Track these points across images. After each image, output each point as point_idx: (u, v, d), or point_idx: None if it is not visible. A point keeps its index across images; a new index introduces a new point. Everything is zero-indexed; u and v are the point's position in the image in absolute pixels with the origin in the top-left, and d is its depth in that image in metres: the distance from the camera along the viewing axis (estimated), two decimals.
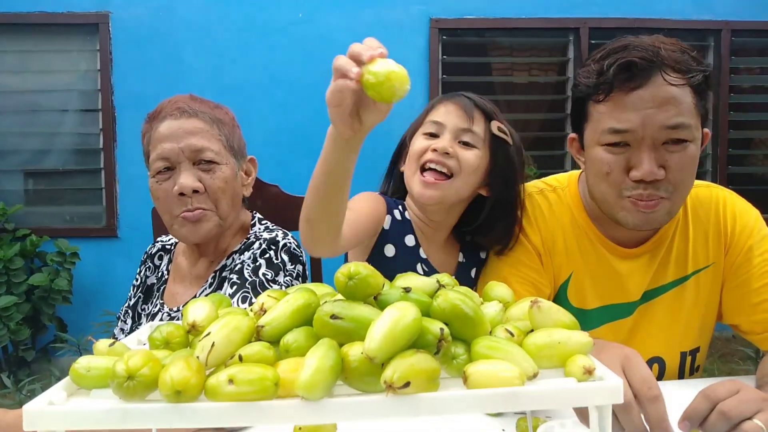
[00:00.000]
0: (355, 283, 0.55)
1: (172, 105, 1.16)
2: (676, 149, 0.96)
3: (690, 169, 0.98)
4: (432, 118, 1.15)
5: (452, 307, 0.54)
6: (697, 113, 0.97)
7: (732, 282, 1.10)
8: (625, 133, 0.96)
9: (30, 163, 3.83)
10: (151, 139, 1.16)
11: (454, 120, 1.13)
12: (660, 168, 0.95)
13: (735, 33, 4.00)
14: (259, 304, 0.60)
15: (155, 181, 1.15)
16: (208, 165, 1.14)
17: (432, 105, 1.19)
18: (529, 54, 4.03)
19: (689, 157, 0.97)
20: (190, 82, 3.62)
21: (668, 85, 0.93)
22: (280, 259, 1.15)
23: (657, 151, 0.95)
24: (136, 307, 1.29)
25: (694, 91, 0.95)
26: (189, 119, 1.14)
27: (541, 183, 1.20)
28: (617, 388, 0.49)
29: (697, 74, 0.95)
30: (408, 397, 0.48)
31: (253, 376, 0.48)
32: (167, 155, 1.12)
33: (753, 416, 0.70)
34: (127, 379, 0.48)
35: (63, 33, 3.77)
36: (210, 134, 1.15)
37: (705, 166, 4.09)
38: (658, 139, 0.95)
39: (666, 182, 0.97)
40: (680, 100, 0.94)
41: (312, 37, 3.78)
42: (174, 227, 1.15)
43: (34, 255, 3.57)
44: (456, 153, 1.11)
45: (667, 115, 0.93)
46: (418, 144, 1.15)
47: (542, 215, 1.15)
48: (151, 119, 1.18)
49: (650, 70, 0.93)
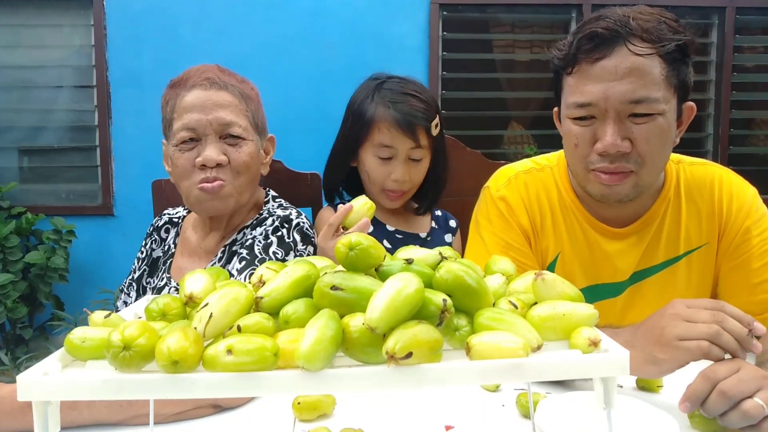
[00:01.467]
0: (356, 253, 0.54)
1: (200, 74, 1.13)
2: (642, 121, 0.94)
3: (659, 142, 0.95)
4: (381, 139, 1.29)
5: (455, 278, 0.52)
6: (668, 84, 0.93)
7: (730, 263, 1.08)
8: (588, 106, 0.95)
9: (24, 141, 3.78)
10: (176, 106, 1.13)
11: (404, 144, 1.28)
12: (625, 140, 0.94)
13: (739, 11, 3.94)
14: (258, 275, 0.59)
15: (178, 149, 1.12)
16: (235, 140, 1.12)
17: (373, 119, 1.29)
18: (530, 31, 3.96)
19: (657, 130, 0.94)
20: (186, 58, 3.54)
21: (633, 55, 0.91)
22: (292, 238, 1.14)
23: (622, 123, 0.94)
24: (141, 280, 1.28)
25: (666, 61, 0.92)
26: (219, 91, 1.12)
27: (530, 162, 1.19)
28: (623, 360, 0.49)
29: (669, 43, 0.91)
30: (410, 368, 0.47)
31: (252, 346, 0.47)
32: (194, 126, 1.10)
33: (753, 395, 0.69)
34: (123, 349, 0.47)
35: (56, 7, 3.69)
36: (238, 109, 1.13)
37: (706, 146, 4.06)
38: (621, 111, 0.93)
39: (634, 155, 0.95)
40: (646, 71, 0.91)
41: (311, 13, 3.71)
42: (191, 200, 1.13)
43: (30, 233, 3.55)
44: (410, 177, 1.32)
45: (630, 87, 0.91)
46: (375, 171, 1.31)
47: (528, 196, 1.14)
48: (176, 86, 1.15)
49: (614, 40, 0.91)
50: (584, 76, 0.95)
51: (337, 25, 3.72)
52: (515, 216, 1.13)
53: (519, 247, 1.12)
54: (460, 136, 1.69)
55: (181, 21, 3.68)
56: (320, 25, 3.72)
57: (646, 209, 1.09)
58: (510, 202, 1.14)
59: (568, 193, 1.13)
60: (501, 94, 4.01)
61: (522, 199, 1.14)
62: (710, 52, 4.02)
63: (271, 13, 3.71)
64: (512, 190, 1.15)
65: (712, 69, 4.02)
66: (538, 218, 1.13)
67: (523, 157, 4.24)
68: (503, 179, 1.17)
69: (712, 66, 4.01)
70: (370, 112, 1.29)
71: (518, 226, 1.13)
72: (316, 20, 3.72)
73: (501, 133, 4.04)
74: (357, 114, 1.32)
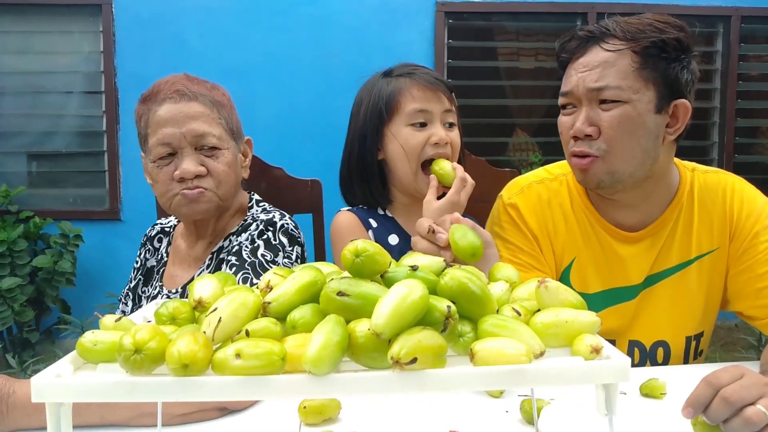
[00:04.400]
0: (362, 260, 0.55)
1: (169, 87, 1.13)
2: (607, 108, 1.01)
3: (623, 129, 1.01)
4: (414, 106, 1.18)
5: (459, 285, 0.53)
6: (639, 77, 1.00)
7: (737, 267, 1.09)
8: (567, 94, 1.06)
9: (33, 145, 3.82)
10: (149, 122, 1.14)
11: (437, 105, 1.19)
12: (592, 126, 1.02)
13: (744, 20, 3.94)
14: (266, 281, 0.60)
15: (156, 165, 1.13)
16: (211, 151, 1.13)
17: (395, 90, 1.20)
18: (535, 39, 3.98)
19: (621, 117, 1.01)
20: (192, 65, 3.59)
21: (604, 51, 1.02)
22: (279, 241, 1.15)
23: (592, 110, 1.03)
24: (137, 290, 1.29)
25: (639, 56, 1.00)
26: (189, 103, 1.12)
27: (543, 172, 1.22)
28: (624, 367, 0.49)
29: (643, 40, 0.99)
30: (414, 373, 0.48)
31: (260, 350, 0.48)
32: (168, 140, 1.10)
33: (756, 401, 0.70)
34: (134, 352, 0.48)
35: (66, 14, 3.74)
36: (211, 118, 1.13)
37: (711, 154, 4.06)
38: (591, 99, 1.02)
39: (600, 141, 1.02)
40: (612, 63, 1.01)
41: (316, 20, 3.74)
42: (172, 206, 1.14)
43: (38, 237, 3.58)
44: (450, 138, 1.19)
45: (594, 76, 1.01)
46: (412, 138, 1.17)
47: (540, 204, 1.16)
48: (146, 100, 1.15)
49: (589, 40, 1.04)
50: (568, 72, 1.07)
51: (343, 32, 3.75)
52: (526, 222, 1.15)
53: (529, 251, 1.14)
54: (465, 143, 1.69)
55: (189, 28, 3.72)
56: (325, 33, 3.75)
57: (660, 213, 1.11)
58: (520, 209, 1.16)
59: (582, 199, 1.15)
60: (506, 102, 4.02)
61: (533, 207, 1.16)
62: (715, 61, 4.02)
63: (276, 20, 3.74)
64: (524, 198, 1.17)
65: (717, 77, 4.02)
66: (551, 225, 1.15)
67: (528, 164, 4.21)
68: (516, 188, 1.20)
69: (717, 74, 4.02)
70: (392, 87, 1.20)
71: (529, 232, 1.15)
72: (322, 28, 3.74)
73: (506, 141, 4.06)
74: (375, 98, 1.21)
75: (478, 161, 1.57)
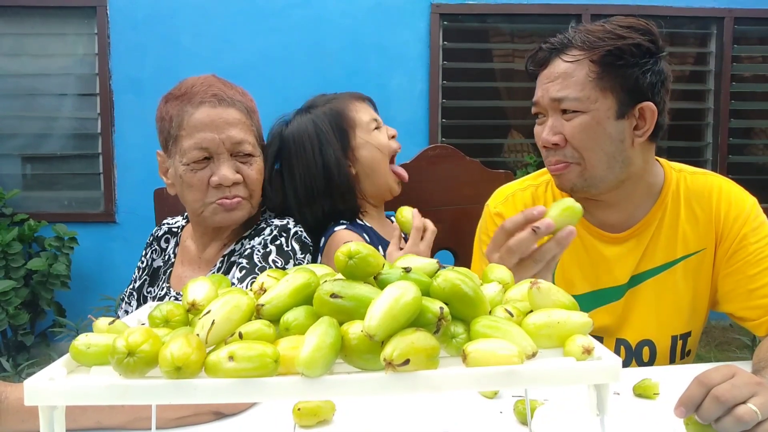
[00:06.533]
0: (355, 262, 0.55)
1: (206, 90, 1.12)
2: (568, 118, 1.05)
3: (588, 136, 1.04)
4: (366, 117, 1.36)
5: (452, 286, 0.54)
6: (595, 86, 1.03)
7: (726, 269, 1.10)
8: (535, 104, 1.10)
9: (28, 148, 3.81)
10: (183, 123, 1.11)
11: (373, 111, 1.39)
12: (557, 134, 1.05)
13: (738, 21, 3.97)
14: (259, 283, 0.60)
15: (189, 169, 1.12)
16: (246, 158, 1.14)
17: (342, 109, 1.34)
18: (530, 40, 3.99)
19: (582, 126, 1.04)
20: (188, 66, 3.59)
21: (563, 62, 1.05)
22: (291, 247, 1.15)
23: (557, 120, 1.06)
24: (142, 290, 1.29)
25: (597, 65, 1.02)
26: (228, 109, 1.12)
27: (529, 179, 1.25)
28: (615, 367, 0.50)
29: (600, 50, 1.02)
30: (407, 374, 0.48)
31: (253, 352, 0.48)
32: (207, 145, 1.10)
33: (747, 400, 0.70)
34: (128, 355, 0.48)
35: (60, 16, 3.73)
36: (246, 126, 1.15)
37: (705, 155, 4.08)
38: (553, 109, 1.06)
39: (569, 148, 1.05)
40: (570, 74, 1.04)
41: (310, 21, 3.75)
42: (204, 213, 1.14)
43: (32, 240, 3.56)
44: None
45: (554, 89, 1.05)
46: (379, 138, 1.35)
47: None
48: (178, 100, 1.13)
49: (551, 52, 1.07)
50: (537, 82, 1.10)
51: (338, 34, 3.75)
52: None
53: None
54: (460, 144, 1.70)
55: (184, 30, 3.72)
56: (321, 34, 3.75)
57: (644, 214, 1.12)
58: (505, 218, 1.17)
59: None
60: (501, 103, 4.03)
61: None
62: (709, 62, 4.04)
63: (271, 22, 3.74)
64: (509, 206, 1.20)
65: (710, 78, 4.04)
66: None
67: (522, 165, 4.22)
68: (501, 197, 1.23)
69: (710, 75, 4.04)
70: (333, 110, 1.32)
71: None
72: (317, 29, 3.75)
73: (501, 142, 4.07)
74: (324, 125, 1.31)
75: (472, 163, 1.57)
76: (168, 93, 1.17)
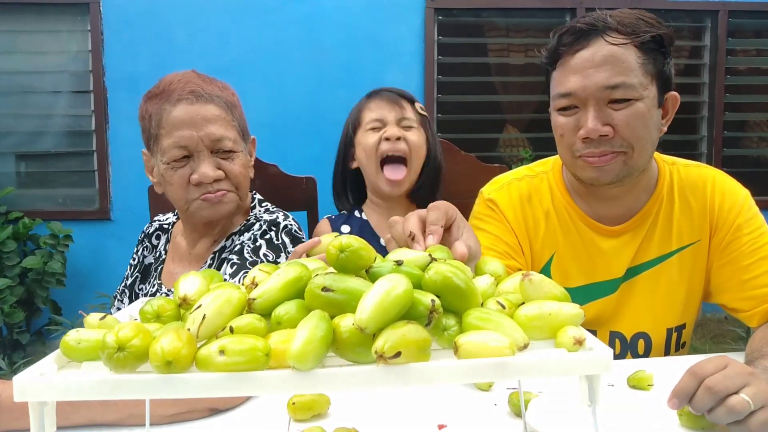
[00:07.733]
0: (346, 255, 0.55)
1: (183, 86, 1.11)
2: (621, 107, 0.99)
3: (640, 125, 1.00)
4: (370, 117, 1.37)
5: (444, 279, 0.53)
6: (644, 72, 0.99)
7: (720, 260, 1.11)
8: (569, 95, 1.01)
9: (22, 146, 3.79)
10: (162, 121, 1.10)
11: (392, 113, 1.36)
12: (606, 126, 0.99)
13: (732, 14, 3.97)
14: (251, 277, 0.59)
15: (170, 167, 1.11)
16: (227, 154, 1.12)
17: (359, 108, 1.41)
18: (525, 35, 3.99)
19: (637, 115, 0.99)
20: (182, 63, 3.54)
21: (609, 45, 0.97)
22: (281, 241, 1.15)
23: (602, 110, 0.99)
24: (134, 287, 1.28)
25: (641, 51, 0.98)
26: (205, 105, 1.10)
27: (525, 169, 1.23)
28: (607, 358, 0.50)
29: (644, 35, 0.98)
30: (399, 367, 0.48)
31: (244, 346, 0.48)
32: (185, 143, 1.08)
33: (739, 390, 0.71)
34: (118, 350, 0.48)
35: (53, 13, 3.71)
36: (226, 121, 1.12)
37: (700, 148, 4.09)
38: (600, 98, 0.98)
39: (618, 138, 1.00)
40: (621, 59, 0.97)
41: (305, 16, 3.73)
42: (190, 210, 1.13)
43: (27, 238, 3.55)
44: (404, 136, 1.35)
45: (606, 74, 0.97)
46: (368, 139, 1.36)
47: (521, 201, 1.18)
48: (156, 98, 1.12)
49: (591, 32, 0.99)
50: (566, 68, 1.01)
51: (333, 29, 3.74)
52: (504, 216, 1.17)
53: (507, 241, 1.16)
54: (455, 139, 1.70)
55: (177, 26, 3.69)
56: (316, 30, 3.74)
57: (640, 207, 1.12)
58: (499, 204, 1.18)
59: (563, 195, 1.16)
60: (496, 98, 4.03)
61: (512, 203, 1.17)
62: (703, 55, 4.05)
63: (266, 17, 3.73)
64: (503, 194, 1.19)
65: (705, 72, 4.05)
66: (531, 221, 1.16)
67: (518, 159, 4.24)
68: (497, 185, 1.22)
69: (705, 69, 4.04)
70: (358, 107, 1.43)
71: (507, 223, 1.17)
72: (312, 24, 3.73)
73: (496, 137, 4.06)
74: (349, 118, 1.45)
75: (467, 157, 1.57)
76: (148, 91, 1.15)
